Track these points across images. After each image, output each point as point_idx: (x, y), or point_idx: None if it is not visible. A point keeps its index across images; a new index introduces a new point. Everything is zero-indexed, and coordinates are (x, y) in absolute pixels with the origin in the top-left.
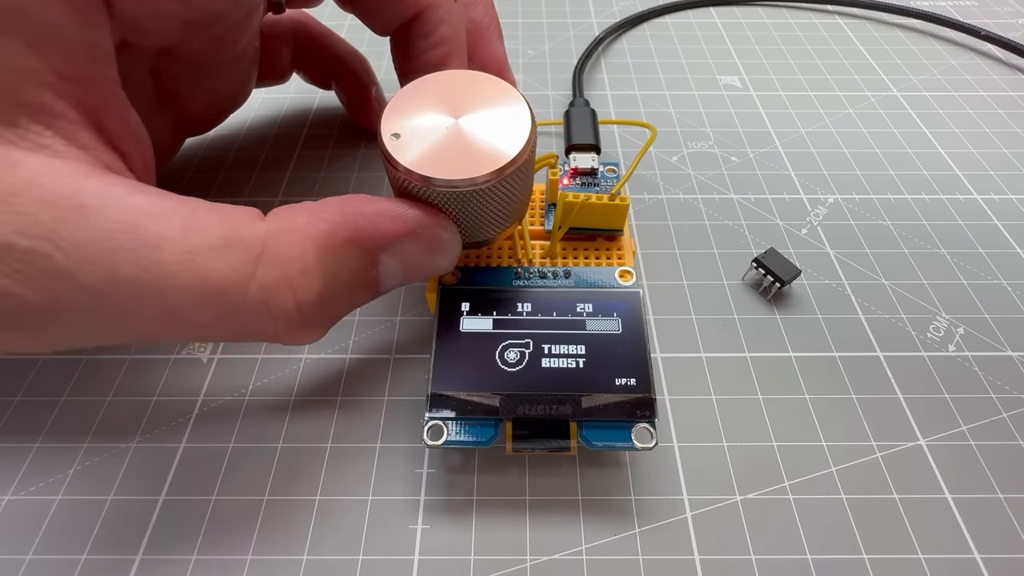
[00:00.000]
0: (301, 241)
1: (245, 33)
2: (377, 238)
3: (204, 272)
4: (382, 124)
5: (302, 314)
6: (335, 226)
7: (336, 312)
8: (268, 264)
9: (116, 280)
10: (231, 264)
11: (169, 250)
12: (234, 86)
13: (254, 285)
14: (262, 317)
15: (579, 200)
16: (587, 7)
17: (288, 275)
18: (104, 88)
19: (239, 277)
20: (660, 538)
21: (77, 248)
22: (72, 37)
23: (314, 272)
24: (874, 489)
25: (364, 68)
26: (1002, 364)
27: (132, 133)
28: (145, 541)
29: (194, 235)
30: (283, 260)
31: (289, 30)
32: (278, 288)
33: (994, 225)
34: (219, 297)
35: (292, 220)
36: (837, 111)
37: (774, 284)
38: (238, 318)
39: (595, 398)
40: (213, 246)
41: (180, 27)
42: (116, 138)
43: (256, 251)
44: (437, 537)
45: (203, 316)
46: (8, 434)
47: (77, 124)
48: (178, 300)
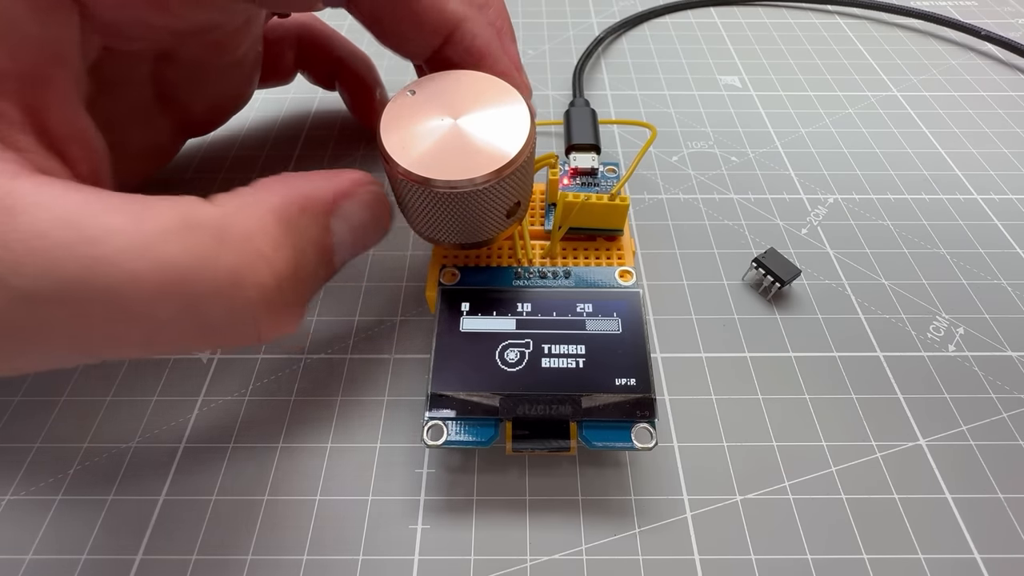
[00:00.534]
0: (259, 215)
1: (245, 39)
2: (326, 202)
3: (160, 259)
4: (381, 125)
5: (281, 289)
6: (285, 198)
7: (309, 288)
8: (233, 241)
9: (55, 280)
10: (192, 247)
11: (116, 241)
12: (235, 89)
13: (222, 264)
14: (235, 301)
15: (579, 200)
16: (587, 7)
17: (258, 248)
18: (54, 89)
19: (203, 258)
20: (660, 538)
21: (5, 250)
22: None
23: (282, 243)
24: (874, 489)
25: (368, 69)
26: (1002, 364)
27: (80, 137)
28: (145, 541)
29: (143, 223)
30: (248, 235)
31: (293, 32)
32: (253, 264)
33: (994, 225)
34: (183, 285)
35: (239, 198)
36: (837, 111)
37: (774, 284)
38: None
39: (595, 398)
40: (166, 231)
41: (168, 34)
42: (61, 142)
43: (215, 230)
44: (437, 537)
45: (166, 311)
46: (8, 434)
47: (15, 125)
48: (133, 295)
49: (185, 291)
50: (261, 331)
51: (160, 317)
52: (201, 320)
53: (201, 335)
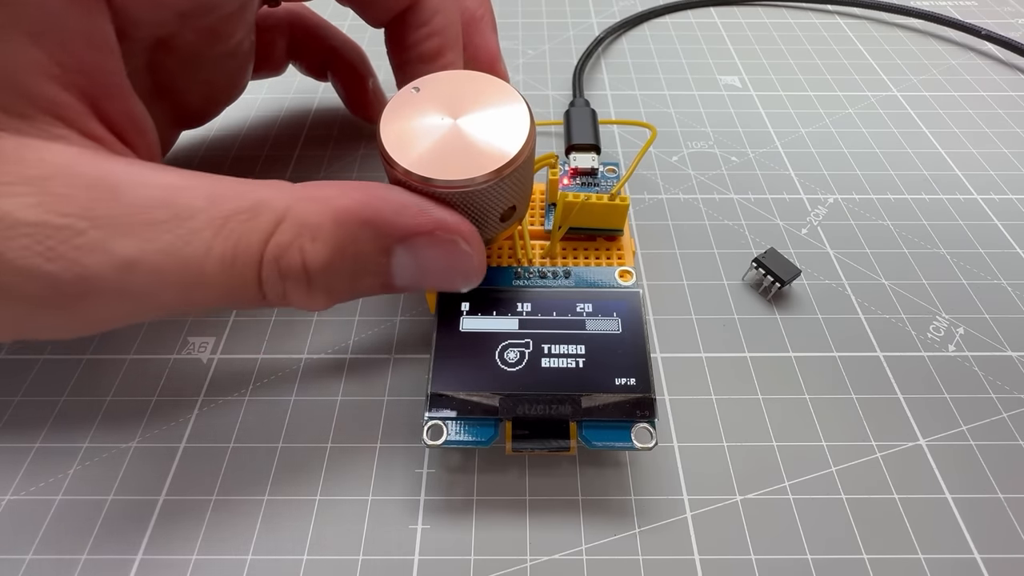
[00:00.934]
0: (320, 211)
1: (240, 26)
2: (394, 227)
3: (232, 235)
4: (381, 125)
5: (309, 277)
6: (357, 204)
7: (341, 286)
8: (287, 226)
9: (151, 249)
10: (256, 227)
11: (200, 218)
12: (230, 79)
13: (271, 243)
14: (273, 275)
15: (579, 200)
16: (587, 7)
17: (300, 238)
18: (108, 78)
19: (261, 237)
20: (660, 538)
21: (113, 223)
22: (73, 27)
23: (325, 240)
24: (874, 489)
25: (361, 60)
26: (1002, 364)
27: (136, 123)
28: (145, 541)
29: (223, 203)
30: (300, 224)
31: (285, 21)
32: (290, 247)
33: (994, 225)
34: (240, 256)
35: (320, 190)
36: (837, 111)
37: (774, 284)
38: (255, 277)
39: (595, 398)
40: (241, 210)
41: (174, 17)
42: (121, 128)
43: (280, 214)
44: (437, 537)
45: (226, 278)
46: (8, 434)
47: (85, 115)
48: (208, 266)
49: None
50: (290, 301)
51: (222, 284)
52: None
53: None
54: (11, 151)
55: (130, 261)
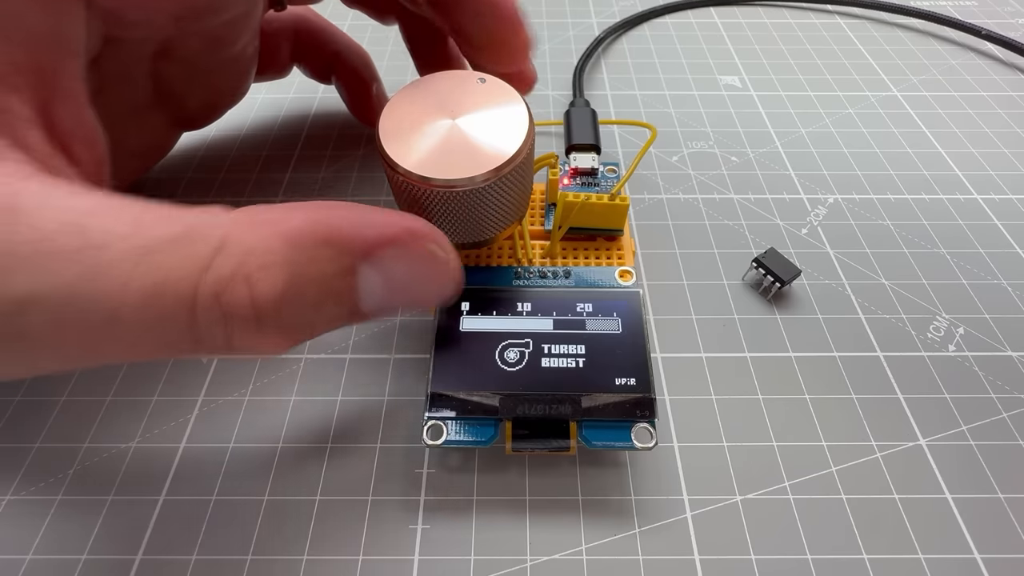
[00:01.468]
0: (267, 235)
1: (244, 32)
2: (357, 240)
3: (157, 267)
4: (380, 125)
5: (257, 311)
6: (311, 223)
7: (300, 318)
8: (226, 254)
9: (52, 285)
10: (188, 257)
11: (118, 247)
12: (233, 83)
13: (208, 277)
14: (212, 314)
15: (579, 200)
16: (587, 7)
17: (246, 266)
18: (63, 83)
19: (194, 269)
20: (660, 538)
21: (6, 253)
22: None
23: (277, 266)
24: (874, 489)
25: (365, 64)
26: (1002, 364)
27: (85, 134)
28: (145, 541)
29: (148, 229)
30: (243, 251)
31: (289, 24)
32: (233, 279)
33: (994, 225)
34: (168, 292)
35: (264, 214)
36: (837, 111)
37: (774, 284)
38: (186, 317)
39: (595, 398)
40: (170, 239)
41: (169, 20)
42: (67, 138)
43: (215, 242)
44: (437, 537)
45: (148, 318)
46: (8, 434)
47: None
48: (125, 301)
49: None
50: (233, 346)
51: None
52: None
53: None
54: None
55: (22, 300)
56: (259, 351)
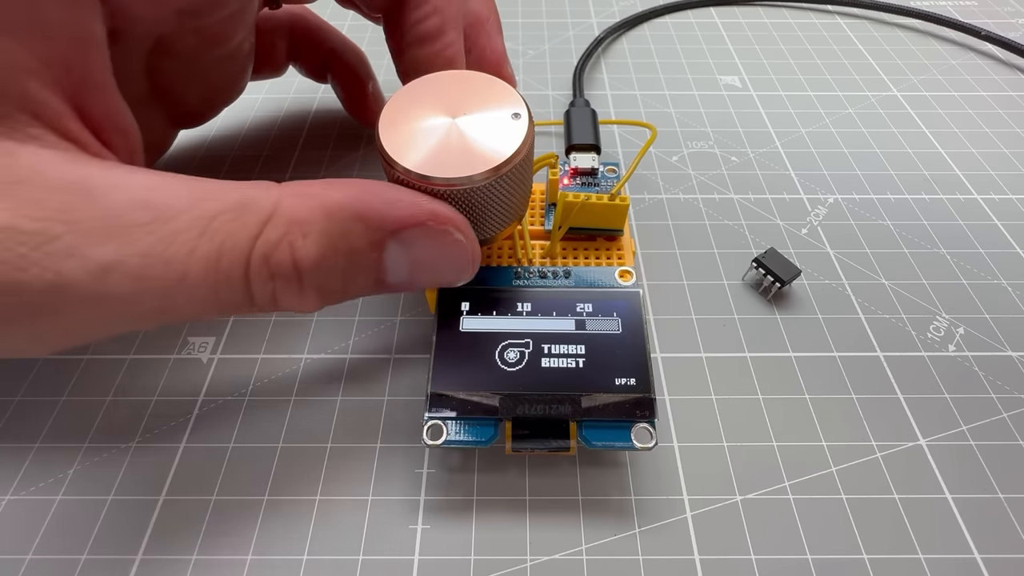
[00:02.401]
0: (310, 206)
1: (240, 28)
2: (387, 219)
3: (217, 235)
4: (380, 124)
5: (298, 272)
6: (348, 198)
7: (333, 284)
8: (275, 223)
9: (130, 252)
10: (244, 225)
11: (182, 219)
12: (229, 80)
13: (259, 242)
14: (262, 275)
15: (579, 200)
16: (587, 7)
17: (290, 234)
18: (91, 76)
19: (249, 236)
20: (660, 538)
21: (89, 227)
22: (56, 22)
23: (315, 236)
24: (874, 489)
25: (361, 62)
26: (1002, 364)
27: (118, 123)
28: (145, 541)
29: (206, 203)
30: (289, 221)
31: (285, 23)
32: (279, 245)
33: (994, 225)
34: (226, 256)
35: (308, 188)
36: (837, 111)
37: (774, 284)
38: (242, 278)
39: (595, 398)
40: (226, 210)
41: (172, 15)
42: (101, 127)
43: (267, 211)
44: (437, 537)
45: (211, 281)
46: (8, 434)
47: (63, 115)
48: (192, 268)
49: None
50: (280, 303)
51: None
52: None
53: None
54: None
55: (107, 265)
56: (299, 308)
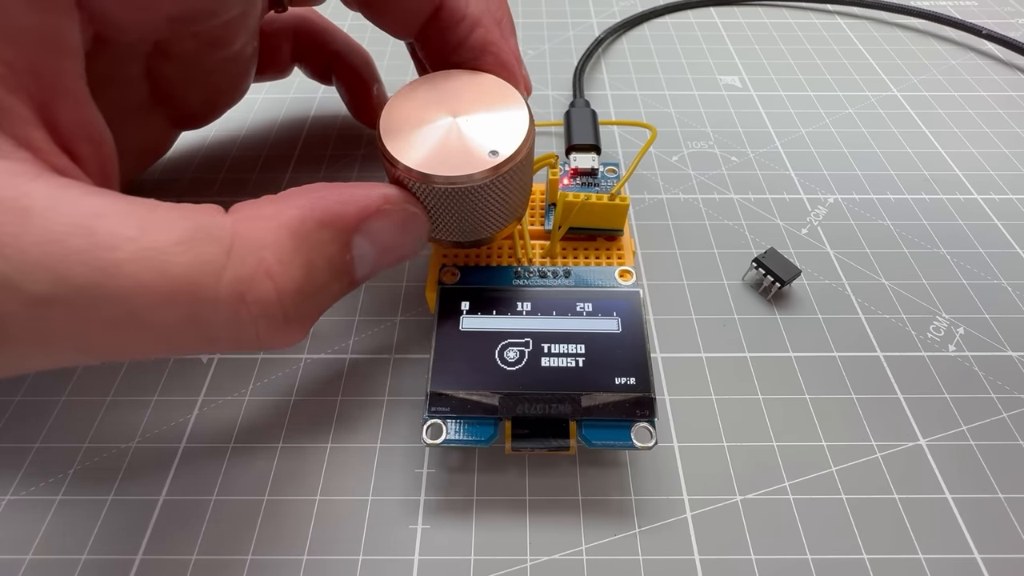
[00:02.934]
0: (274, 228)
1: (241, 33)
2: (349, 218)
3: (167, 268)
4: (381, 123)
5: (283, 306)
6: (307, 210)
7: (318, 305)
8: (241, 254)
9: (67, 286)
10: (199, 257)
11: (126, 248)
12: (231, 83)
13: (227, 277)
14: (239, 314)
15: (579, 200)
16: (587, 7)
17: (265, 263)
18: (62, 83)
19: (210, 270)
20: (660, 538)
21: (21, 254)
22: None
23: (292, 259)
24: (874, 489)
25: (366, 65)
26: (1002, 364)
27: (89, 134)
28: (145, 541)
29: (154, 231)
30: (257, 248)
31: (290, 25)
32: (255, 278)
33: (994, 225)
34: (187, 294)
35: (259, 209)
36: (837, 111)
37: (774, 284)
38: (211, 318)
39: (594, 397)
40: (177, 241)
41: (164, 22)
42: (69, 138)
43: (226, 242)
44: (437, 537)
45: (169, 318)
46: (8, 434)
47: (28, 123)
48: (139, 302)
49: (190, 301)
50: (262, 342)
51: (165, 324)
52: (204, 328)
53: (203, 341)
54: None
55: (43, 300)
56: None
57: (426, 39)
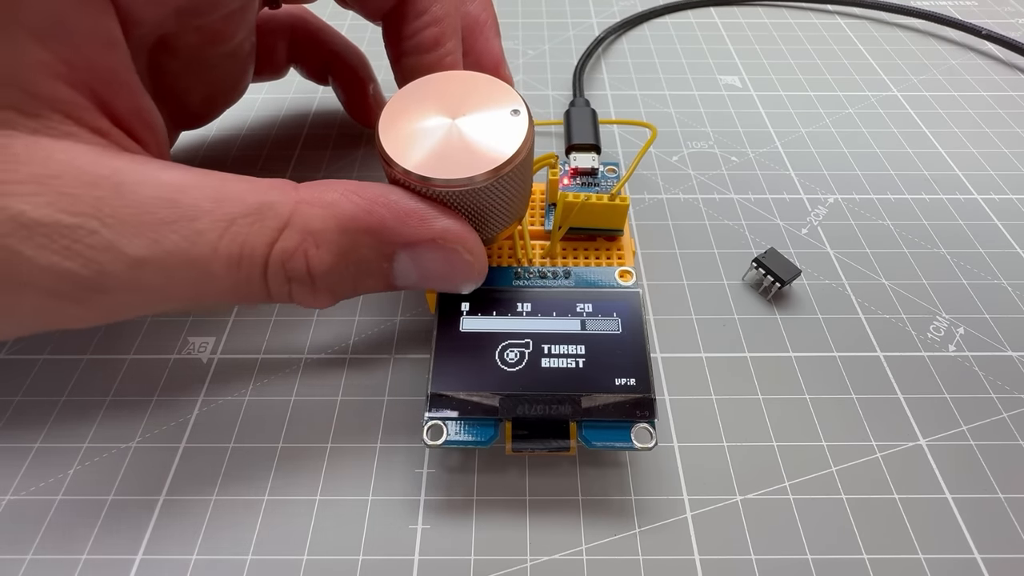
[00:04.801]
0: (324, 216)
1: (241, 27)
2: (397, 236)
3: (237, 237)
4: (380, 125)
5: (312, 278)
6: (362, 211)
7: (344, 286)
8: (291, 230)
9: (159, 250)
10: (261, 230)
11: (205, 220)
12: (230, 80)
13: (277, 248)
14: (279, 277)
15: (579, 200)
16: (587, 7)
17: (305, 244)
18: (115, 75)
19: (266, 240)
20: (660, 538)
21: (121, 222)
22: (78, 26)
23: (329, 247)
24: (874, 489)
25: (362, 64)
26: (1002, 364)
27: (145, 119)
28: (145, 541)
29: (228, 205)
30: (304, 230)
31: (286, 24)
32: (295, 253)
33: (994, 225)
34: (246, 257)
35: (324, 195)
36: (837, 111)
37: (774, 284)
38: (260, 278)
39: (595, 398)
40: (246, 213)
41: (172, 14)
42: (129, 124)
43: (284, 218)
44: (437, 537)
45: (233, 278)
46: (8, 434)
47: (93, 112)
48: (215, 267)
49: (246, 264)
50: (294, 300)
51: (230, 282)
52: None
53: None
54: (22, 150)
55: (140, 260)
56: (313, 305)
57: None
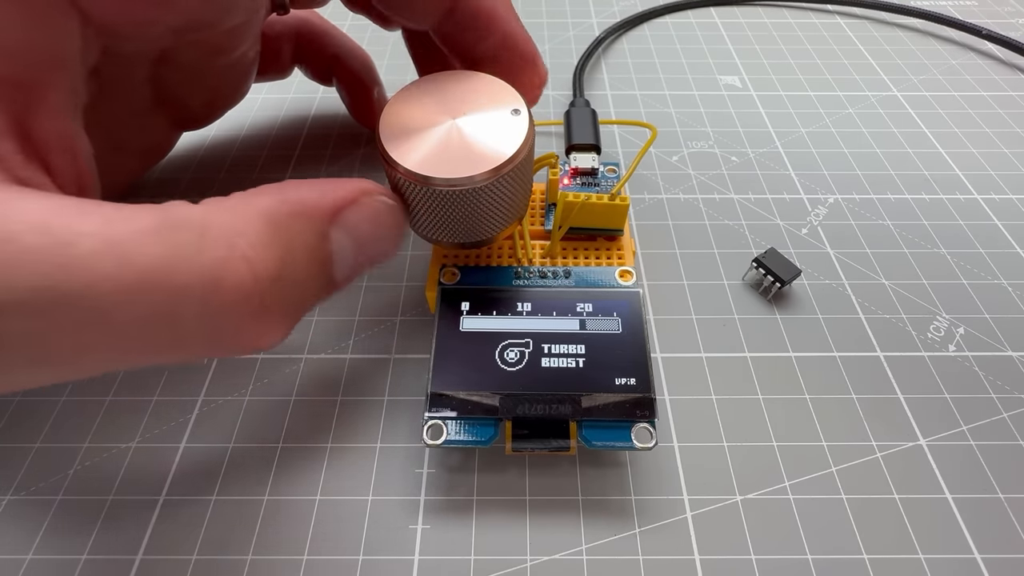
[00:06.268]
0: (245, 214)
1: (244, 39)
2: (324, 208)
3: (134, 258)
4: (381, 126)
5: (261, 292)
6: (278, 201)
7: (298, 298)
8: (214, 238)
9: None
10: (171, 244)
11: (87, 242)
12: (233, 86)
13: (198, 263)
14: (215, 302)
15: (579, 200)
16: (587, 7)
17: (239, 247)
18: (44, 96)
19: (183, 254)
20: (660, 538)
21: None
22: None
23: (267, 243)
24: (874, 489)
25: (366, 67)
26: (1002, 364)
27: (65, 146)
28: (145, 540)
29: (119, 224)
30: (230, 233)
31: (291, 27)
32: (230, 261)
33: (994, 225)
34: (158, 283)
35: (229, 200)
36: (837, 111)
37: (774, 284)
38: (184, 310)
39: (595, 398)
40: (144, 231)
41: (168, 32)
42: (45, 150)
43: (197, 229)
44: (437, 537)
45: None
46: (8, 434)
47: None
48: (104, 298)
49: (161, 290)
50: (241, 339)
51: (134, 321)
52: (176, 324)
53: (176, 342)
54: None
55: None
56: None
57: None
